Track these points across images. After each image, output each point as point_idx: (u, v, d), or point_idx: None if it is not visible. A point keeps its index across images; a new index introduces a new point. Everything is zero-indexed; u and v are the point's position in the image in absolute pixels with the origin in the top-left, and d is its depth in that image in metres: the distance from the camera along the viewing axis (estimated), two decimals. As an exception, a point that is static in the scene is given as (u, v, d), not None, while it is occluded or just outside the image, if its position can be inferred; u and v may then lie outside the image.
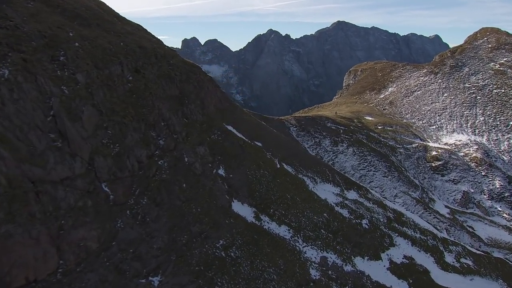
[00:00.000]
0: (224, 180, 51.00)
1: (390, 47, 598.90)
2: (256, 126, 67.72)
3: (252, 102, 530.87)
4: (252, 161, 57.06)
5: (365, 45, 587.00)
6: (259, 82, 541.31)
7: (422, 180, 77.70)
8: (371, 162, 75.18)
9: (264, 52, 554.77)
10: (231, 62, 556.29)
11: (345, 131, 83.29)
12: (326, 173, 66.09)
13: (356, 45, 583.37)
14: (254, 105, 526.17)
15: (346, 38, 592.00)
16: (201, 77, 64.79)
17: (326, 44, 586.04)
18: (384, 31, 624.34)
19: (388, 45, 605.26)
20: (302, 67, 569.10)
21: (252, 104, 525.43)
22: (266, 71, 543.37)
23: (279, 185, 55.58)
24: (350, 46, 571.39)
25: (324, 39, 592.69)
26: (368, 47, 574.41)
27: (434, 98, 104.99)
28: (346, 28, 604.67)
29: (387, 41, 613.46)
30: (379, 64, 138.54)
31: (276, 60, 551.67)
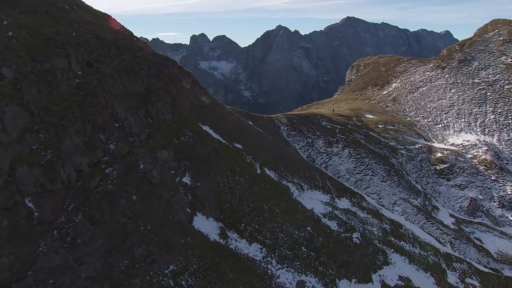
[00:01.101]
0: (189, 189, 43.44)
1: (400, 43, 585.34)
2: (238, 126, 59.98)
3: (261, 98, 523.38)
4: (226, 167, 49.45)
5: (374, 41, 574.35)
6: (267, 78, 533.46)
7: (425, 185, 69.15)
8: (368, 165, 66.91)
9: (273, 48, 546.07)
10: (239, 58, 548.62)
11: (341, 130, 75.01)
12: (316, 179, 58.11)
13: (365, 41, 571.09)
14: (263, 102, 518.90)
15: (356, 34, 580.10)
16: (176, 72, 57.06)
17: (335, 40, 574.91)
18: (394, 27, 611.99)
19: (398, 41, 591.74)
20: (311, 63, 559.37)
21: (260, 101, 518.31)
22: (275, 67, 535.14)
23: (256, 194, 47.87)
24: (360, 42, 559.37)
25: (334, 35, 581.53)
26: (378, 43, 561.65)
27: (440, 95, 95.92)
28: (356, 24, 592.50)
29: (397, 37, 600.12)
30: (383, 58, 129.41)
31: (285, 56, 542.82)
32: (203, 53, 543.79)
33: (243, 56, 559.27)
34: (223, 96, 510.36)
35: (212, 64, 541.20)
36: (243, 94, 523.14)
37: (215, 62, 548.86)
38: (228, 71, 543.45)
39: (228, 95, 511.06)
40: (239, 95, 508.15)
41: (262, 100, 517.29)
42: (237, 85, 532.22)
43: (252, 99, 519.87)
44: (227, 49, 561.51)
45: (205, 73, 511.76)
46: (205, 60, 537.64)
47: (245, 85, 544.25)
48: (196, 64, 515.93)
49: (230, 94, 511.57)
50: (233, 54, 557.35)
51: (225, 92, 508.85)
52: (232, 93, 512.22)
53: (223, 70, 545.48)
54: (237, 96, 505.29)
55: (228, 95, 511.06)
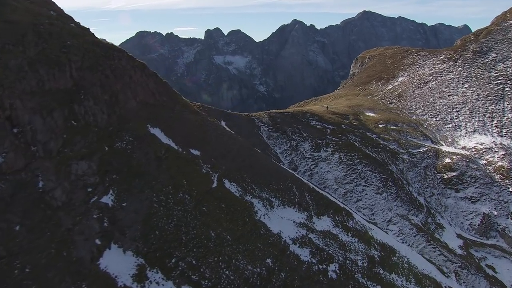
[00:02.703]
0: (107, 213, 33.18)
1: (417, 37, 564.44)
2: (201, 128, 49.25)
3: (276, 93, 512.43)
4: (168, 180, 38.97)
5: (391, 35, 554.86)
6: (283, 73, 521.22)
7: (429, 198, 57.19)
8: (361, 173, 55.36)
9: (288, 42, 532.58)
10: (254, 52, 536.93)
11: (333, 131, 63.43)
12: (292, 192, 47.17)
13: (382, 35, 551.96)
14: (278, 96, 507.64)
15: (372, 28, 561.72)
16: (122, 64, 46.67)
17: (351, 34, 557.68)
18: (411, 21, 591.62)
19: (415, 35, 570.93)
20: (327, 57, 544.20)
21: (275, 95, 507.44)
22: (290, 62, 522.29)
23: (202, 216, 37.27)
24: (376, 37, 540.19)
25: (350, 29, 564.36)
26: (394, 37, 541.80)
27: (452, 90, 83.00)
28: (372, 18, 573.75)
29: (414, 31, 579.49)
30: (390, 50, 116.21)
31: (300, 51, 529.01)
32: (218, 47, 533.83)
33: (258, 50, 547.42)
34: (238, 91, 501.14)
35: (226, 59, 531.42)
36: (258, 89, 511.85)
37: (229, 57, 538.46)
38: (243, 66, 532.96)
39: (242, 90, 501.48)
40: (253, 90, 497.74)
41: (277, 95, 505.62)
42: (252, 80, 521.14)
43: (267, 94, 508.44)
44: (242, 44, 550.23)
45: (220, 68, 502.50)
46: (220, 55, 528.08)
47: (260, 80, 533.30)
48: (210, 59, 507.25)
49: (245, 89, 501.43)
50: (248, 48, 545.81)
51: (239, 87, 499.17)
52: (247, 88, 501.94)
53: (238, 65, 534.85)
54: (251, 91, 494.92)
55: (242, 90, 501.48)
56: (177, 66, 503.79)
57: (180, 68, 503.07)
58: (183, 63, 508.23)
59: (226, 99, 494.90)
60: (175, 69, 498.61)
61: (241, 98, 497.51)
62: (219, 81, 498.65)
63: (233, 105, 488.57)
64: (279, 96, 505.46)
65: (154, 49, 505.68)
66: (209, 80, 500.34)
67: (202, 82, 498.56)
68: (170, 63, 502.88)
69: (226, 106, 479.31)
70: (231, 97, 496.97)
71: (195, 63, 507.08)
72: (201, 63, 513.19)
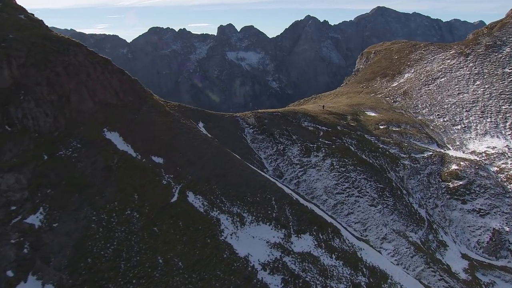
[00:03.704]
0: (32, 235, 27.91)
1: (432, 33, 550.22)
2: (169, 131, 43.29)
3: (289, 89, 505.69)
4: (115, 195, 33.11)
5: (406, 31, 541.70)
6: (296, 69, 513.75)
7: (432, 210, 50.36)
8: (355, 181, 48.84)
9: (301, 38, 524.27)
10: (267, 49, 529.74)
11: (326, 133, 56.87)
12: (270, 205, 40.90)
13: (396, 31, 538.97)
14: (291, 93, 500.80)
15: (386, 24, 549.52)
16: (78, 60, 40.94)
17: (365, 30, 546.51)
18: (426, 17, 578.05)
19: (430, 31, 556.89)
20: (340, 53, 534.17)
21: (288, 92, 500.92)
22: (303, 58, 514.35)
23: (151, 237, 31.13)
24: (391, 32, 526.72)
25: (364, 25, 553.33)
26: (409, 33, 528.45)
27: (462, 88, 75.32)
28: (387, 14, 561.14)
29: (429, 27, 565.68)
30: (397, 45, 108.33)
31: (313, 47, 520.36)
32: (231, 43, 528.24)
33: (271, 46, 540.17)
34: (250, 87, 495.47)
35: (239, 55, 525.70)
36: (271, 85, 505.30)
37: (242, 53, 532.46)
38: (255, 62, 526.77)
39: (255, 86, 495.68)
40: (266, 86, 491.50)
41: (290, 92, 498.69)
42: (265, 76, 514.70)
43: (280, 90, 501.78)
44: (254, 40, 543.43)
45: (232, 64, 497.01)
46: (233, 51, 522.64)
47: (273, 76, 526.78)
48: (223, 55, 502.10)
49: (258, 85, 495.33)
50: (261, 44, 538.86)
51: (252, 83, 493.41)
52: (260, 84, 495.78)
53: (251, 61, 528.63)
54: (264, 87, 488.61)
55: (255, 86, 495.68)
56: (189, 62, 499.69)
57: (193, 64, 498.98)
58: (195, 59, 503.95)
59: (239, 95, 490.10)
60: (188, 65, 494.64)
61: (253, 94, 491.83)
62: (232, 77, 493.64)
63: (245, 101, 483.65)
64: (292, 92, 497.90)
65: (167, 45, 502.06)
66: (222, 76, 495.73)
67: (214, 78, 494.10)
68: (182, 59, 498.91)
69: (239, 102, 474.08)
70: (243, 94, 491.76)
71: (208, 59, 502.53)
72: (213, 59, 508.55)
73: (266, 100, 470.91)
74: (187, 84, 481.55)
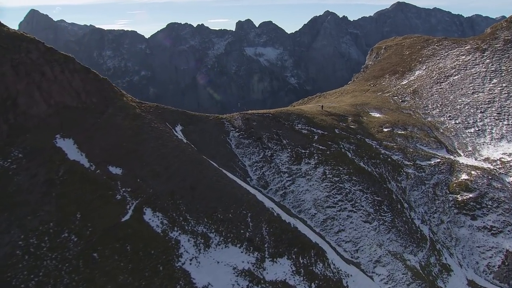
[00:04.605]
0: None
1: (453, 29, 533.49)
2: (135, 137, 38.00)
3: (307, 85, 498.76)
4: (53, 214, 28.06)
5: (426, 27, 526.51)
6: (314, 65, 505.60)
7: (437, 227, 43.75)
8: (349, 193, 42.70)
9: (320, 34, 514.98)
10: (286, 44, 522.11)
11: (322, 137, 50.67)
12: (244, 223, 35.24)
13: (416, 27, 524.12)
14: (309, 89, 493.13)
15: (406, 19, 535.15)
16: (31, 58, 36.24)
17: (385, 26, 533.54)
18: (447, 13, 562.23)
19: (451, 27, 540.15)
20: (359, 49, 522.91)
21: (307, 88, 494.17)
22: (322, 54, 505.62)
23: (87, 266, 25.99)
24: (410, 28, 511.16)
25: (383, 21, 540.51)
26: (429, 29, 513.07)
27: (477, 86, 67.73)
28: (406, 10, 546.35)
29: (449, 23, 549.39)
30: (409, 39, 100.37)
31: (332, 43, 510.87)
32: (249, 39, 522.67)
33: (290, 42, 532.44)
34: (269, 83, 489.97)
35: (258, 50, 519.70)
36: (289, 81, 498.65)
37: (261, 48, 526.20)
38: (274, 58, 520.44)
39: (273, 82, 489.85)
40: (284, 82, 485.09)
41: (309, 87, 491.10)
42: (283, 72, 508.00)
43: (298, 86, 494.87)
44: (273, 35, 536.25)
45: (251, 60, 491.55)
46: (251, 46, 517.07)
47: (291, 72, 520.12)
48: (241, 50, 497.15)
49: (276, 81, 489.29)
50: (280, 40, 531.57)
51: (270, 79, 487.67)
52: (278, 80, 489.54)
53: (269, 57, 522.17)
54: (282, 83, 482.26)
55: (273, 82, 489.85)
56: (207, 58, 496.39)
57: (211, 60, 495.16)
58: (213, 55, 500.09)
59: (257, 91, 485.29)
60: (206, 61, 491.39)
61: (272, 90, 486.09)
62: (250, 73, 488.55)
63: (263, 97, 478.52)
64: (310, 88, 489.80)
65: (185, 40, 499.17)
66: (240, 72, 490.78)
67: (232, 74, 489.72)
68: (200, 54, 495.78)
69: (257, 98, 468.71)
70: (261, 89, 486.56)
71: (226, 55, 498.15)
72: (231, 55, 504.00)
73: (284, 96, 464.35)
74: (205, 80, 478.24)
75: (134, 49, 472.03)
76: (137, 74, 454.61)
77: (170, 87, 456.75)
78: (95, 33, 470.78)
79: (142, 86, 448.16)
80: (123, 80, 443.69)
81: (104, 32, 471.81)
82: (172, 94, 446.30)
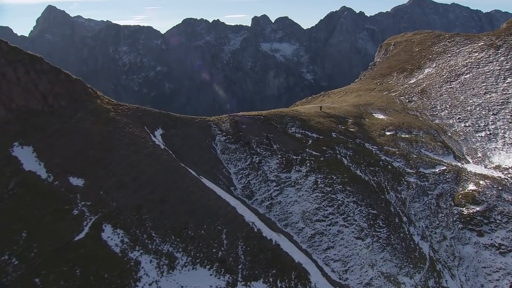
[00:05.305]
0: None
1: (472, 24, 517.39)
2: (104, 144, 34.44)
3: (323, 81, 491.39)
4: (-11, 236, 24.37)
5: (444, 22, 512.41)
6: (330, 61, 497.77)
7: (438, 244, 39.27)
8: (341, 205, 38.71)
9: (336, 30, 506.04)
10: (302, 40, 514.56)
11: (316, 142, 46.66)
12: (218, 240, 31.65)
13: (434, 22, 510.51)
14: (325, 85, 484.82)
15: (424, 15, 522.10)
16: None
17: (402, 21, 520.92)
18: (465, 8, 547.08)
19: (469, 22, 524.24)
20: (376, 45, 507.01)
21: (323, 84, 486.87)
22: (338, 50, 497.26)
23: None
24: (428, 24, 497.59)
25: (400, 17, 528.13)
26: (447, 24, 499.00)
27: (490, 86, 62.39)
28: (424, 5, 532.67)
29: (468, 18, 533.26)
30: (419, 35, 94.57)
31: (349, 38, 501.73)
32: (265, 34, 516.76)
33: (306, 38, 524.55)
34: (284, 79, 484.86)
35: (273, 46, 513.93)
36: (305, 77, 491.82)
37: (276, 44, 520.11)
38: (290, 53, 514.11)
39: (289, 78, 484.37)
40: (300, 78, 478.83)
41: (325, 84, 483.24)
42: (299, 68, 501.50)
43: (314, 82, 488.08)
44: (289, 31, 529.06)
45: (266, 55, 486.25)
46: (267, 42, 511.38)
47: (307, 67, 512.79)
48: (257, 46, 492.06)
49: (292, 77, 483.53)
50: (296, 35, 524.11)
51: (286, 75, 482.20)
52: (294, 76, 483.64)
53: (285, 52, 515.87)
54: (298, 79, 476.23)
55: (289, 78, 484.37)
56: (223, 54, 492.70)
57: (226, 56, 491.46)
58: (229, 51, 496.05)
59: (272, 87, 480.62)
60: (221, 57, 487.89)
61: (287, 86, 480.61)
62: (266, 69, 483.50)
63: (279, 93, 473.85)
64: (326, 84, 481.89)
65: (200, 36, 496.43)
66: (255, 68, 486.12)
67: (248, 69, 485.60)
68: (216, 50, 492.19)
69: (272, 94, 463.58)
70: (277, 85, 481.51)
71: (241, 51, 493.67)
72: (247, 51, 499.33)
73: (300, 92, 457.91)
74: (221, 75, 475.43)
75: (150, 45, 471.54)
76: (152, 69, 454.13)
77: (185, 83, 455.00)
78: (111, 29, 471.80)
79: (158, 81, 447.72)
80: (138, 75, 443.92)
81: (120, 28, 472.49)
82: (188, 89, 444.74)
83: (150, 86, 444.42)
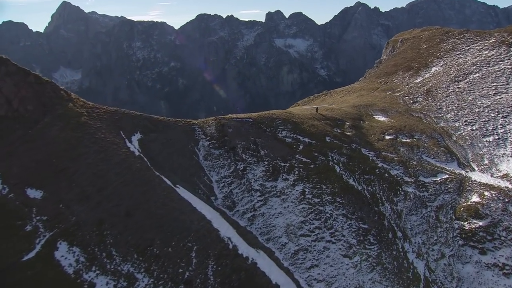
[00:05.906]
0: None
1: (488, 20, 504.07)
2: (69, 151, 31.73)
3: (337, 77, 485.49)
4: None
5: (460, 18, 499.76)
6: (345, 57, 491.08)
7: (435, 262, 35.73)
8: (329, 219, 35.59)
9: (351, 25, 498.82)
10: (316, 36, 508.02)
11: (308, 147, 43.42)
12: (186, 259, 28.91)
13: (450, 18, 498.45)
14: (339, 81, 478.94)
15: (439, 10, 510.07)
16: None
17: (417, 17, 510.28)
18: (482, 3, 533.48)
19: (486, 18, 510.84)
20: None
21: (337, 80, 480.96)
22: (353, 46, 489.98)
23: None
24: (444, 20, 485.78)
25: (415, 12, 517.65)
26: (463, 20, 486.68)
27: (500, 86, 57.98)
28: (440, 0, 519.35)
29: (484, 14, 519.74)
30: (427, 32, 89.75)
31: (363, 34, 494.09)
32: (279, 30, 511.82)
33: (320, 33, 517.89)
34: (298, 75, 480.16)
35: (287, 42, 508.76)
36: (319, 73, 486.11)
37: (290, 40, 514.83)
38: (304, 49, 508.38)
39: (303, 73, 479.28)
40: (314, 74, 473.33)
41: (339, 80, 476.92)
42: (313, 64, 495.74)
43: (328, 79, 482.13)
44: (303, 27, 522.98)
45: (280, 51, 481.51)
46: (281, 38, 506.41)
47: (321, 63, 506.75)
48: (271, 42, 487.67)
49: (306, 72, 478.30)
50: (310, 31, 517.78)
51: (300, 71, 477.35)
52: (308, 72, 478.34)
53: (299, 48, 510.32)
54: (312, 75, 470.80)
55: (303, 73, 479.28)
56: (237, 49, 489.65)
57: (240, 51, 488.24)
58: (243, 46, 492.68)
59: (286, 83, 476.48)
60: (235, 52, 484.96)
61: (301, 82, 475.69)
62: (279, 65, 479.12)
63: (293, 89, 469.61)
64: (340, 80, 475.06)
65: (214, 32, 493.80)
66: (269, 64, 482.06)
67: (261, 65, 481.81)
68: (230, 46, 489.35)
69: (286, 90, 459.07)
70: (291, 81, 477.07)
71: (255, 46, 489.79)
72: (261, 46, 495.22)
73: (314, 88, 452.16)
74: (234, 71, 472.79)
75: (163, 40, 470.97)
76: (166, 65, 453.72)
77: (199, 79, 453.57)
78: (125, 25, 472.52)
79: (172, 77, 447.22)
80: (152, 71, 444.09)
81: (133, 24, 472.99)
82: (202, 85, 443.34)
83: (163, 81, 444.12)
